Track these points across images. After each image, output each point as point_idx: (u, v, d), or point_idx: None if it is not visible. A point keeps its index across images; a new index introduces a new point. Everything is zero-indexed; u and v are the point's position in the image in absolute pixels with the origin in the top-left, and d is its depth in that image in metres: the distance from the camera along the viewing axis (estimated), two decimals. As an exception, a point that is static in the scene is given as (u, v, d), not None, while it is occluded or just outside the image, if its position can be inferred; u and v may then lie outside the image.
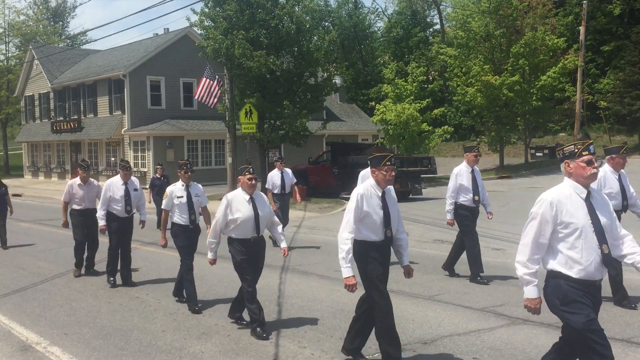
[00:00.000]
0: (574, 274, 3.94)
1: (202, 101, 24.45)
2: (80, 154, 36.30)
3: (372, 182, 5.28)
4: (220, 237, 6.57)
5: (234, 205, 6.38)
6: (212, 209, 8.09)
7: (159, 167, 16.21)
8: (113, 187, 8.93)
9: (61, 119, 37.05)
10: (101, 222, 9.02)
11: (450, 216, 8.73)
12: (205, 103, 24.47)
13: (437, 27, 54.98)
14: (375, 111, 28.58)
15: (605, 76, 39.69)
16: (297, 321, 6.79)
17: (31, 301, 8.18)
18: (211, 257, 6.62)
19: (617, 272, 7.07)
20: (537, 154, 34.88)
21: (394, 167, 5.28)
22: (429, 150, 28.07)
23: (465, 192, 8.64)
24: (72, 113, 36.43)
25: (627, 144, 7.79)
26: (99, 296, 8.40)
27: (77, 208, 9.78)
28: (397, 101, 27.59)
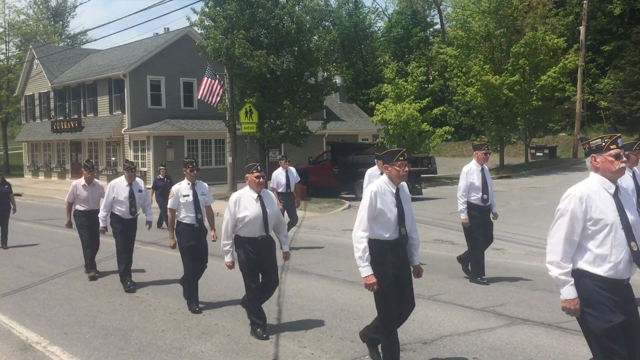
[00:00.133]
0: (603, 272, 3.78)
1: (205, 100, 24.46)
2: (80, 153, 36.32)
3: (385, 178, 5.09)
4: (233, 238, 6.40)
5: (241, 204, 6.27)
6: (214, 209, 8.10)
7: (162, 167, 16.13)
8: (117, 188, 8.81)
9: (61, 118, 37.06)
10: (101, 223, 8.95)
11: (464, 216, 8.54)
12: (208, 102, 24.48)
13: (438, 27, 54.97)
14: (375, 111, 28.57)
15: (605, 76, 39.68)
16: (297, 321, 6.79)
17: (31, 301, 8.18)
18: (229, 260, 6.39)
19: None
20: (537, 153, 34.86)
21: (407, 163, 5.10)
22: (429, 150, 28.06)
23: (475, 191, 8.51)
24: (72, 113, 36.44)
25: None
26: (99, 296, 8.40)
27: (81, 209, 9.67)
28: (397, 101, 27.58)
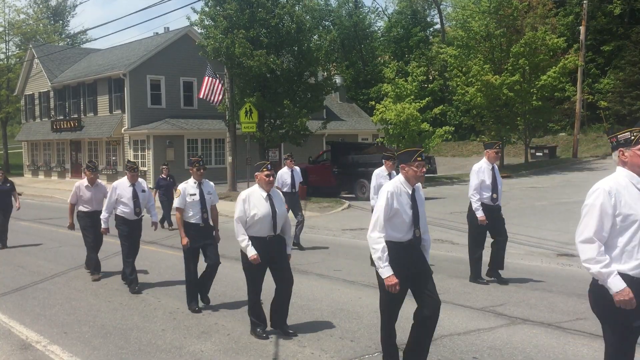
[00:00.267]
0: (629, 269, 3.62)
1: (206, 99, 24.45)
2: (80, 153, 36.33)
3: (401, 179, 4.98)
4: (247, 234, 6.18)
5: (251, 202, 6.15)
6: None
7: (164, 167, 16.09)
8: (120, 189, 8.68)
9: (61, 117, 37.06)
10: (103, 224, 8.84)
11: (480, 213, 8.27)
12: (210, 101, 24.47)
13: (437, 26, 54.95)
14: (375, 111, 28.56)
15: (605, 76, 39.65)
16: (297, 320, 6.79)
17: (31, 300, 8.18)
18: (253, 253, 6.09)
19: None
20: (537, 153, 34.85)
21: (425, 163, 4.99)
22: (429, 150, 28.06)
23: (485, 190, 8.36)
24: (72, 112, 36.43)
25: None
26: (99, 295, 8.40)
27: (84, 210, 9.56)
28: (397, 101, 27.57)
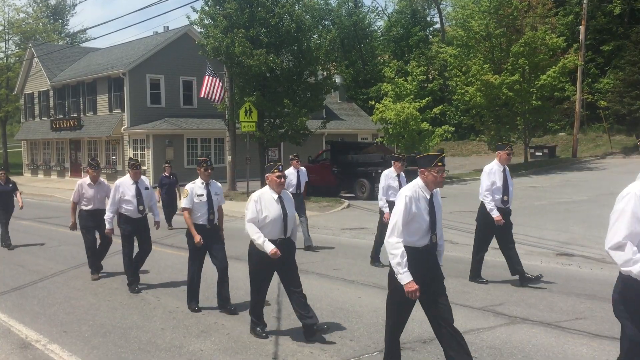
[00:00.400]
0: None
1: (208, 98, 24.41)
2: (79, 152, 36.32)
3: (420, 183, 4.86)
4: (260, 231, 6.03)
5: (262, 204, 6.05)
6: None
7: (167, 165, 16.02)
8: (123, 187, 8.50)
9: (61, 117, 37.04)
10: (108, 225, 8.61)
11: (496, 213, 8.09)
12: (211, 100, 24.43)
13: (437, 26, 54.95)
14: (374, 110, 28.55)
15: (605, 76, 39.64)
16: (296, 320, 6.78)
17: (30, 299, 8.18)
18: (272, 249, 5.94)
19: None
20: (536, 153, 34.83)
21: (445, 169, 4.88)
22: (428, 150, 28.04)
23: (496, 193, 8.20)
24: (71, 111, 36.42)
25: None
26: (98, 294, 8.40)
27: (86, 208, 9.42)
28: (396, 100, 27.57)
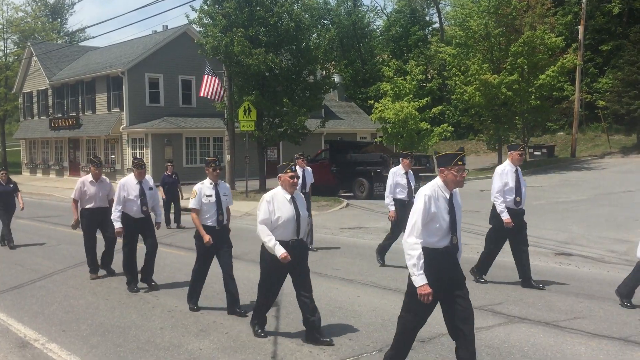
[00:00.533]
0: None
1: (208, 97, 24.35)
2: (78, 151, 36.30)
3: (439, 182, 4.78)
4: (272, 234, 5.94)
5: (275, 205, 5.94)
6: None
7: (169, 164, 15.98)
8: (127, 186, 8.38)
9: (59, 115, 36.99)
10: (117, 223, 8.38)
11: (506, 215, 8.03)
12: (212, 99, 24.37)
13: (436, 25, 54.95)
14: (373, 109, 28.57)
15: (603, 75, 39.64)
16: (295, 319, 6.78)
17: (29, 298, 8.17)
18: (284, 252, 5.84)
19: None
20: (535, 153, 34.84)
21: (466, 168, 4.79)
22: (427, 149, 28.06)
23: (508, 193, 8.11)
24: (70, 110, 36.38)
25: None
26: (97, 293, 8.40)
27: (87, 207, 9.25)
28: (395, 99, 27.58)
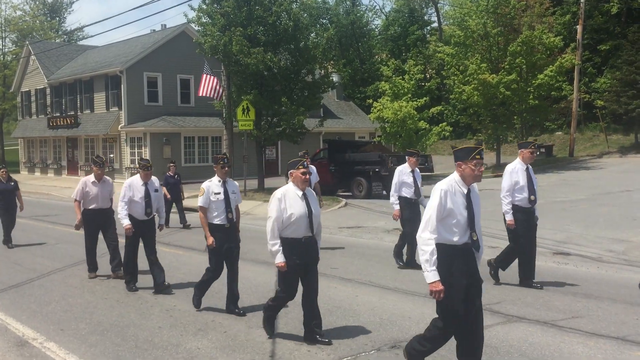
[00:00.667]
0: None
1: (208, 96, 24.31)
2: (76, 150, 36.27)
3: (456, 177, 4.70)
4: (279, 238, 5.88)
5: (287, 202, 5.84)
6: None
7: (172, 164, 15.93)
8: (133, 187, 8.26)
9: (58, 114, 36.95)
10: (125, 221, 8.16)
11: (510, 217, 8.02)
12: (212, 97, 24.33)
13: (435, 25, 54.96)
14: (372, 109, 28.59)
15: (602, 75, 39.68)
16: (294, 318, 6.79)
17: (27, 297, 8.17)
18: (281, 260, 5.82)
19: None
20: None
21: (483, 162, 4.69)
22: (425, 149, 28.09)
23: (520, 192, 8.03)
24: (68, 109, 36.33)
25: None
26: (96, 292, 8.40)
27: (89, 207, 9.12)
28: (394, 99, 27.60)
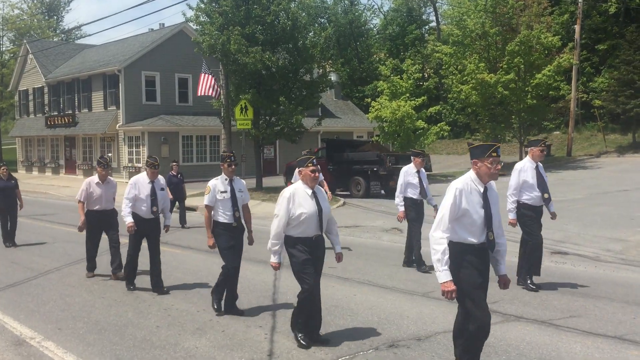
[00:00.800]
0: None
1: (206, 95, 24.28)
2: (74, 149, 36.22)
3: (472, 175, 4.64)
4: (282, 238, 5.87)
5: (296, 200, 5.76)
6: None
7: (174, 164, 15.87)
8: (139, 185, 8.15)
9: (55, 113, 36.90)
10: (128, 218, 8.05)
11: (512, 216, 8.04)
12: (211, 96, 24.30)
13: (433, 24, 54.98)
14: (370, 108, 28.60)
15: (599, 75, 39.72)
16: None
17: (25, 296, 8.15)
18: (276, 261, 5.87)
19: None
20: (531, 152, 34.91)
21: (500, 160, 4.63)
22: (424, 148, 28.11)
23: (529, 190, 8.00)
24: (66, 108, 36.29)
25: None
26: (93, 291, 8.39)
27: (93, 209, 9.04)
28: (392, 98, 27.61)
